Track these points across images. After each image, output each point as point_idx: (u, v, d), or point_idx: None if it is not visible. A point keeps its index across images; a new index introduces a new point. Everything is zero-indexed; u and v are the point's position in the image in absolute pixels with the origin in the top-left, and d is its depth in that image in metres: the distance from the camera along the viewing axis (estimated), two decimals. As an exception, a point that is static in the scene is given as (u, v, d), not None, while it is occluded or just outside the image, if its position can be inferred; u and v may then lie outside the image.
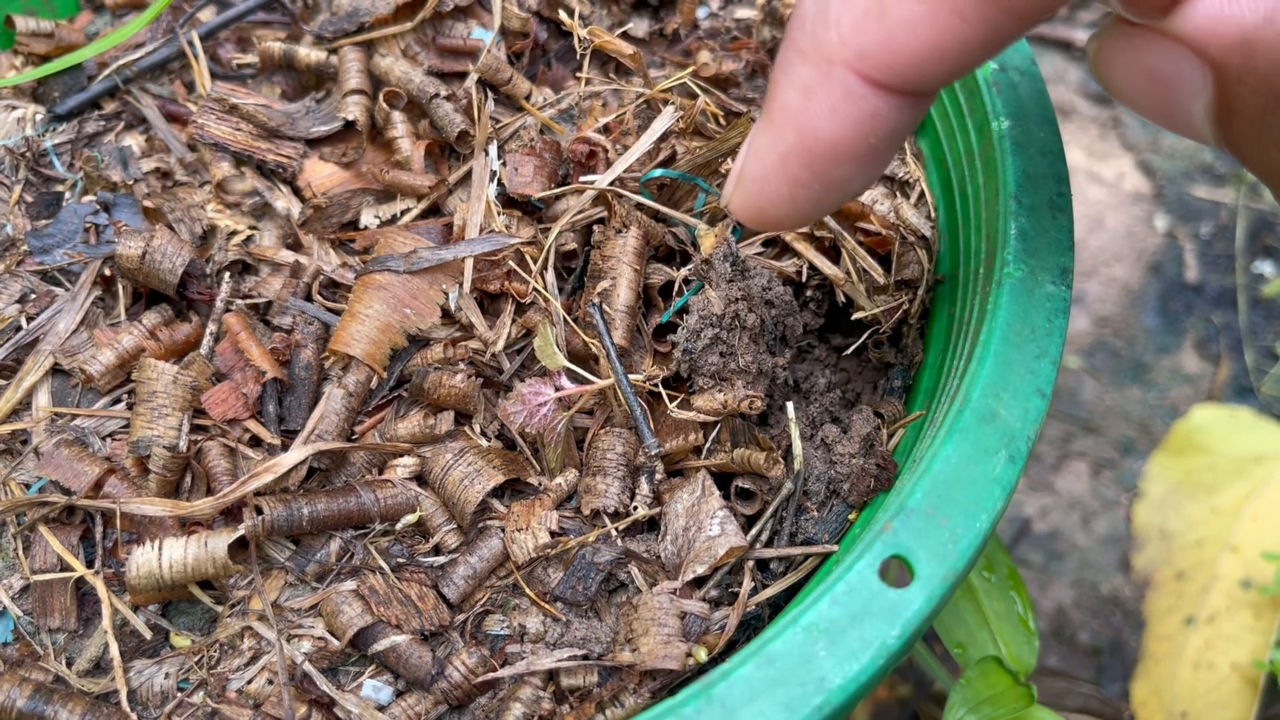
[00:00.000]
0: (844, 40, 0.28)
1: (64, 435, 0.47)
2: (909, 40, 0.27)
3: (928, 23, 0.27)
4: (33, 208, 0.54)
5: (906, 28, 0.27)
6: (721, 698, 0.33)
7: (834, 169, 0.31)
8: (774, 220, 0.33)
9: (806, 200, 0.32)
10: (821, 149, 0.30)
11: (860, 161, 0.31)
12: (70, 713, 0.42)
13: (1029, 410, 0.39)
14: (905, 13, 0.27)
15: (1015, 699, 0.50)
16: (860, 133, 0.30)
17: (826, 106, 0.29)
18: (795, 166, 0.31)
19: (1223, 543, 0.85)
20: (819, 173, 0.31)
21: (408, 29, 0.56)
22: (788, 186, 0.32)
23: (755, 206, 0.33)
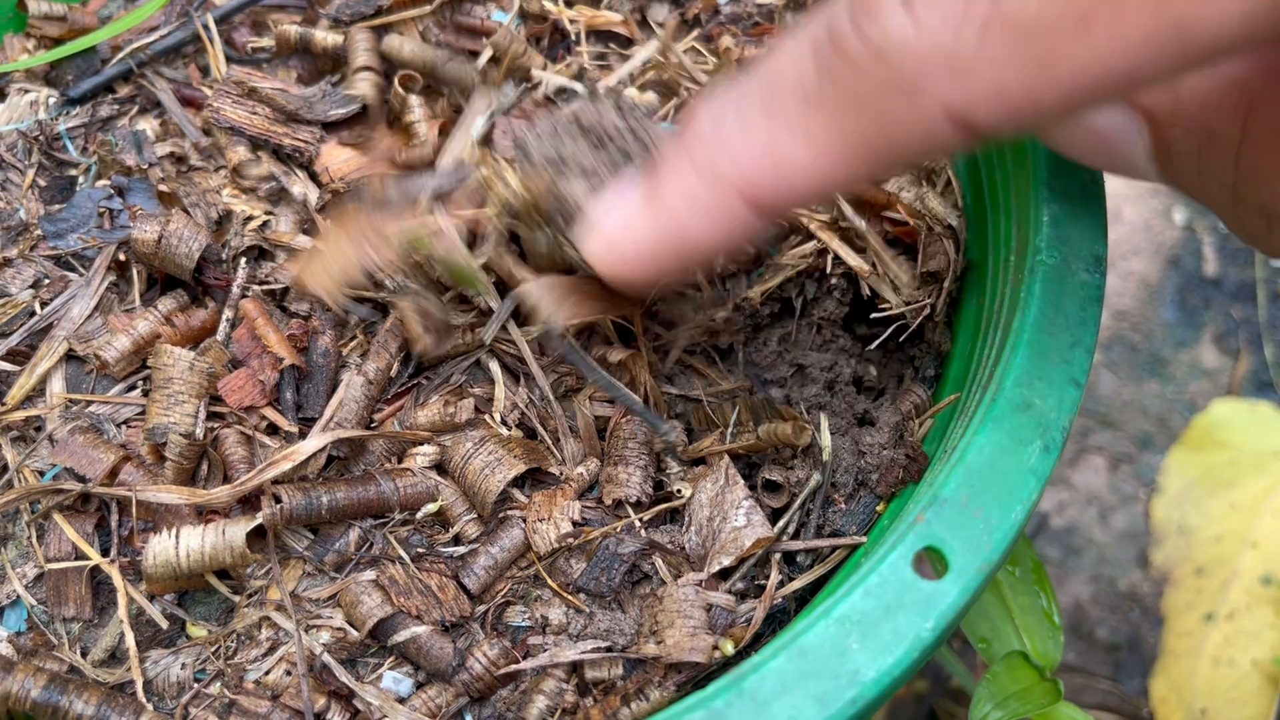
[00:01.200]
0: (738, 169, 0.31)
1: (79, 422, 0.47)
2: (797, 180, 0.31)
3: (816, 168, 0.30)
4: (46, 192, 0.54)
5: (796, 171, 0.30)
6: (753, 690, 0.33)
7: (696, 260, 0.35)
8: (624, 280, 0.37)
9: (660, 275, 0.36)
10: (693, 249, 0.34)
11: (720, 253, 0.37)
12: (85, 703, 0.42)
13: (1064, 400, 0.38)
14: (797, 159, 0.30)
15: (1042, 694, 0.49)
16: (730, 239, 0.33)
17: (706, 217, 0.33)
18: (665, 255, 0.35)
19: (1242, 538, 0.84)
20: (682, 261, 0.35)
21: (426, 12, 0.55)
22: (649, 262, 0.35)
23: (616, 270, 0.36)
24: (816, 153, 0.30)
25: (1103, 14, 0.23)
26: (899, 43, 0.26)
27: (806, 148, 0.30)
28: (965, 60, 0.25)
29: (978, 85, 0.26)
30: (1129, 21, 0.23)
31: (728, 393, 0.49)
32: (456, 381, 0.49)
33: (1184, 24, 0.23)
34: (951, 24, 0.25)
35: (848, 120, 0.29)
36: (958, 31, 0.25)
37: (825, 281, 0.50)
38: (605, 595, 0.44)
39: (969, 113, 0.26)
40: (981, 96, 0.26)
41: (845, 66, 0.28)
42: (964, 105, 0.26)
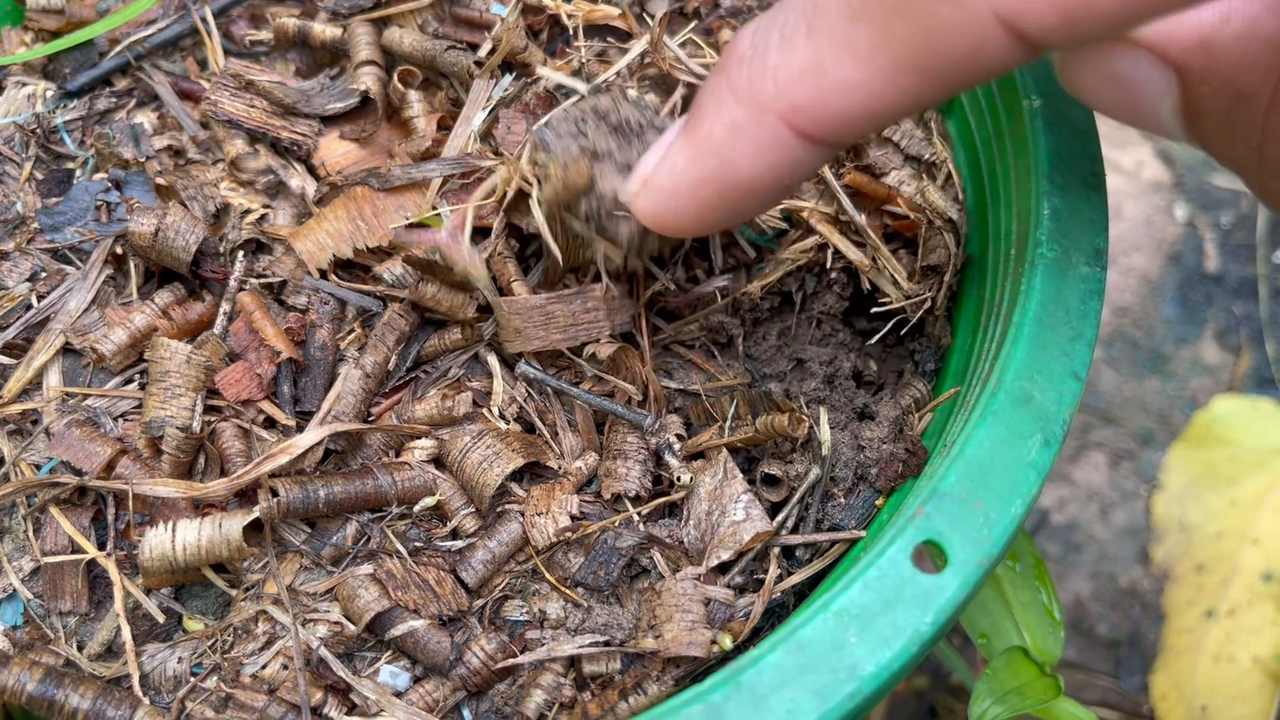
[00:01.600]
0: (780, 92, 0.30)
1: (75, 415, 0.47)
2: (843, 101, 0.29)
3: (862, 87, 0.28)
4: (43, 185, 0.54)
5: (842, 90, 0.29)
6: (751, 684, 0.32)
7: (744, 200, 0.33)
8: (674, 229, 0.36)
9: (709, 220, 0.35)
10: (738, 183, 0.32)
11: (770, 195, 0.33)
12: (81, 697, 0.42)
13: (1064, 393, 0.38)
14: (842, 75, 0.28)
15: (1042, 690, 0.49)
16: (778, 174, 0.32)
17: (752, 148, 0.31)
18: (708, 193, 0.33)
19: (1243, 535, 0.84)
20: (729, 201, 0.33)
21: (425, 4, 0.55)
22: (695, 206, 0.34)
23: (660, 214, 0.35)
24: (863, 69, 0.28)
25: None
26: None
27: (852, 64, 0.28)
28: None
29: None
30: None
31: (726, 387, 0.49)
32: (454, 375, 0.49)
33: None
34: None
35: (895, 31, 0.27)
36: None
37: (825, 276, 0.50)
38: (603, 589, 0.44)
39: (1021, 19, 0.25)
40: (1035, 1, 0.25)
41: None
42: (1017, 11, 0.25)
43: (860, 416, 0.49)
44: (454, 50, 0.52)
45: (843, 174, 0.49)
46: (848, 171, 0.49)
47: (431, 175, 0.50)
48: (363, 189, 0.50)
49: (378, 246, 0.50)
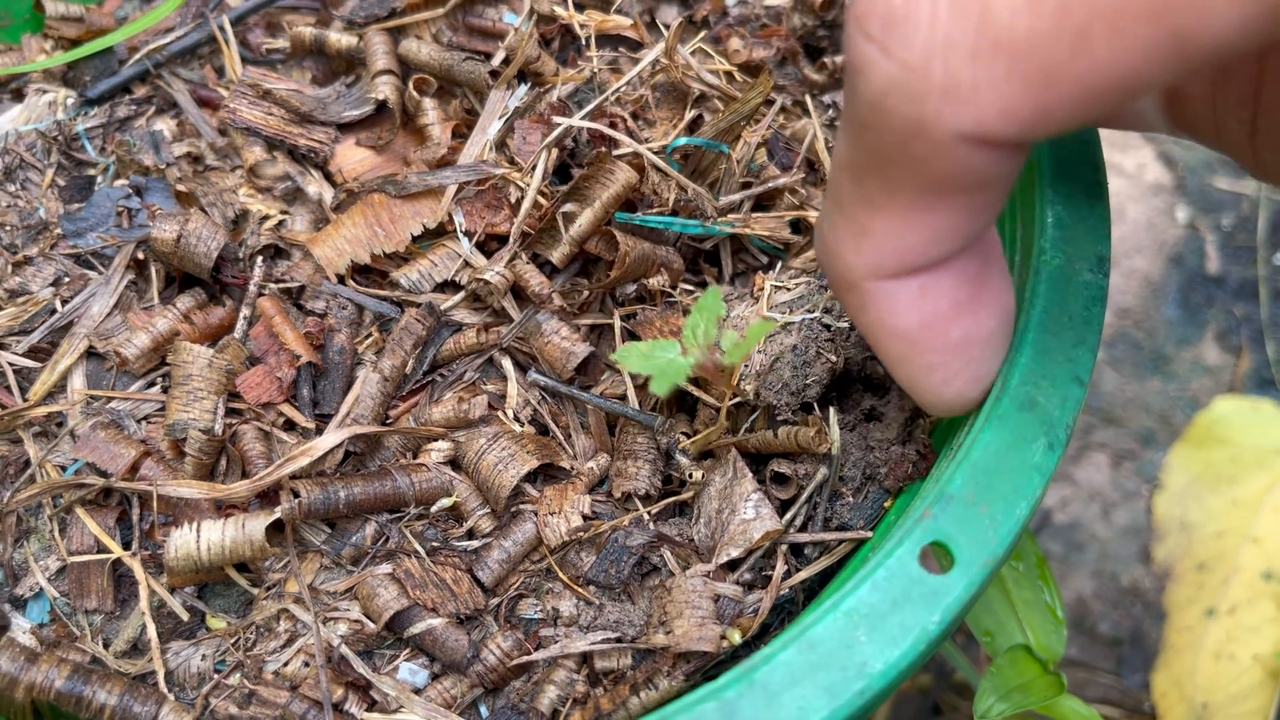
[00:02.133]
0: (851, 268, 0.32)
1: (100, 418, 0.48)
2: (897, 243, 0.30)
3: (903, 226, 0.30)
4: (65, 191, 0.55)
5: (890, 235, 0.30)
6: (763, 682, 0.33)
7: (944, 339, 0.34)
8: (979, 396, 0.37)
9: (968, 365, 0.36)
10: (909, 340, 0.34)
11: (951, 328, 0.34)
12: (108, 693, 0.43)
13: (1068, 398, 0.39)
14: (881, 226, 0.30)
15: (1045, 687, 0.50)
16: (918, 312, 0.33)
17: (883, 315, 0.33)
18: (916, 364, 0.35)
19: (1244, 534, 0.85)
20: (940, 350, 0.35)
21: (439, 14, 0.56)
22: (940, 373, 0.35)
23: (954, 403, 0.36)
24: (889, 215, 0.30)
25: (1100, 29, 0.23)
26: (890, 88, 0.26)
27: (880, 215, 0.30)
28: (964, 88, 0.25)
29: (985, 109, 0.25)
30: (1128, 35, 0.23)
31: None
32: (470, 379, 0.50)
33: (1183, 33, 0.23)
34: (938, 55, 0.25)
35: (890, 177, 0.28)
36: (946, 62, 0.25)
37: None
38: (615, 587, 0.45)
39: (985, 134, 0.26)
40: (991, 117, 0.25)
41: (861, 130, 0.28)
42: (976, 129, 0.26)
43: (868, 418, 0.50)
44: (470, 60, 0.53)
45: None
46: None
47: (447, 182, 0.51)
48: (379, 195, 0.51)
49: (394, 252, 0.51)
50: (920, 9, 0.25)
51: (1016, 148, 0.27)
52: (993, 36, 0.24)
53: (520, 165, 0.51)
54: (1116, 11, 0.23)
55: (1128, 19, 0.23)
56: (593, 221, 0.48)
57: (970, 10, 0.24)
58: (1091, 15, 0.23)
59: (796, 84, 0.57)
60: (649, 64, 0.53)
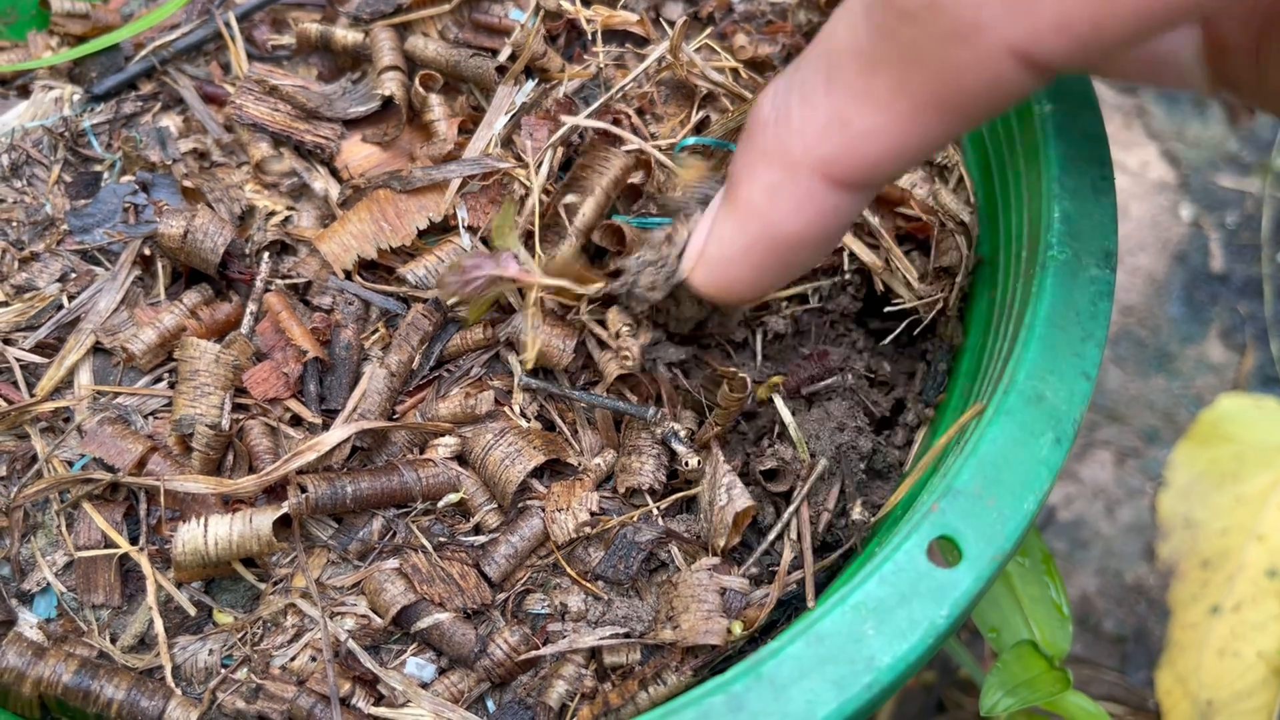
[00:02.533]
0: (808, 148, 0.30)
1: (107, 413, 0.48)
2: (870, 148, 0.30)
3: (887, 132, 0.29)
4: (72, 187, 0.55)
5: (868, 137, 0.29)
6: (771, 675, 0.33)
7: (795, 256, 0.34)
8: (737, 296, 0.37)
9: (767, 280, 0.36)
10: (785, 241, 0.33)
11: (818, 247, 0.34)
12: (116, 688, 0.43)
13: (1075, 393, 0.39)
14: (866, 125, 0.29)
15: (1051, 683, 0.50)
16: (822, 226, 0.32)
17: (791, 205, 0.32)
18: (759, 255, 0.34)
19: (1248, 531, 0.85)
20: (782, 259, 0.34)
21: (445, 10, 0.56)
22: (750, 271, 0.35)
23: (718, 285, 0.36)
24: (885, 115, 0.29)
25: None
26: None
27: (874, 112, 0.29)
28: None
29: (1040, 19, 0.25)
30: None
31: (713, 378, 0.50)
32: (476, 374, 0.50)
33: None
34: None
35: (911, 76, 0.28)
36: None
37: (840, 276, 0.51)
38: (623, 582, 0.45)
39: (1034, 49, 0.25)
40: (1045, 31, 0.25)
41: (899, 20, 0.27)
42: (1028, 42, 0.25)
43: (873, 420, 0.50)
44: (477, 57, 0.53)
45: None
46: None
47: (451, 176, 0.51)
48: (385, 191, 0.51)
49: (401, 247, 0.51)
50: None
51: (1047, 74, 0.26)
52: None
53: (526, 161, 0.51)
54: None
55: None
56: (596, 210, 0.48)
57: None
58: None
59: (802, 80, 0.57)
60: (654, 61, 0.53)
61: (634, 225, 0.49)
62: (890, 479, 0.49)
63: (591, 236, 0.49)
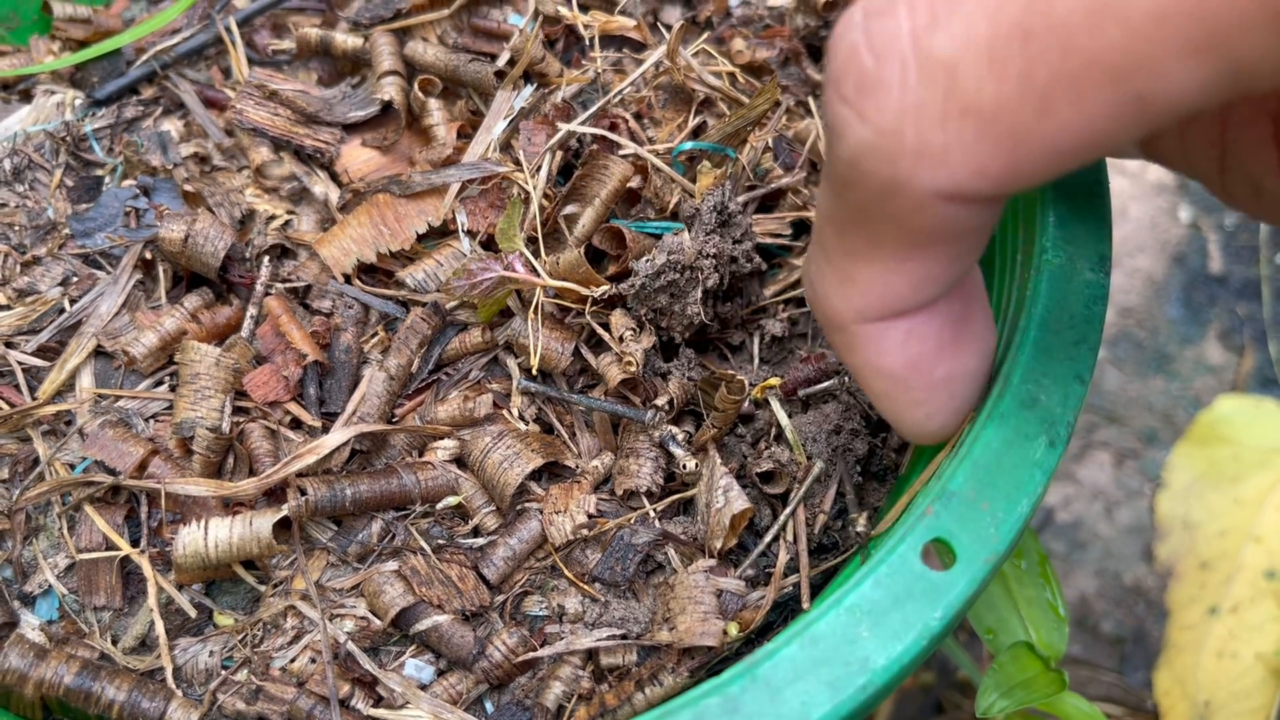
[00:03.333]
0: (841, 311, 0.33)
1: (108, 416, 0.48)
2: (885, 290, 0.31)
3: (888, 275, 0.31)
4: (73, 192, 0.55)
5: (877, 284, 0.31)
6: (766, 677, 0.34)
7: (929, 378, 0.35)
8: (939, 428, 0.38)
9: (950, 401, 0.37)
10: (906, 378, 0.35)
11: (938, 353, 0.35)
12: (117, 689, 0.43)
13: (1069, 396, 0.39)
14: (868, 276, 0.31)
15: (1047, 684, 0.50)
16: (904, 353, 0.34)
17: (872, 355, 0.34)
18: (903, 398, 0.36)
19: (1246, 533, 0.85)
20: (925, 387, 0.35)
21: (444, 15, 0.56)
22: (924, 408, 0.36)
23: (937, 435, 0.37)
24: (876, 266, 0.30)
25: (1063, 94, 0.23)
26: (866, 150, 0.26)
27: (866, 265, 0.30)
28: (936, 150, 0.25)
29: (958, 169, 0.26)
30: (1091, 99, 0.23)
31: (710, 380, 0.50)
32: (475, 377, 0.50)
33: (1144, 96, 0.23)
34: (909, 119, 0.25)
35: (874, 229, 0.29)
36: (918, 126, 0.25)
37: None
38: (620, 584, 0.45)
39: (961, 192, 0.26)
40: (965, 177, 0.26)
41: (842, 187, 0.29)
42: (952, 187, 0.26)
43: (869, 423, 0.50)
44: (476, 61, 0.53)
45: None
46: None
47: (450, 181, 0.51)
48: (384, 195, 0.52)
49: (400, 251, 0.51)
50: (890, 74, 0.25)
51: (993, 200, 0.28)
52: (960, 102, 0.24)
53: (525, 165, 0.51)
54: (1078, 77, 0.23)
55: (1089, 84, 0.23)
56: (595, 219, 0.49)
57: (938, 76, 0.25)
58: (1054, 81, 0.23)
59: (799, 84, 0.58)
60: (651, 66, 0.53)
61: (633, 229, 0.49)
62: (887, 481, 0.49)
63: (591, 240, 0.50)
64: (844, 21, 0.27)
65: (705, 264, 0.46)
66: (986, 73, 0.24)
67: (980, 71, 0.24)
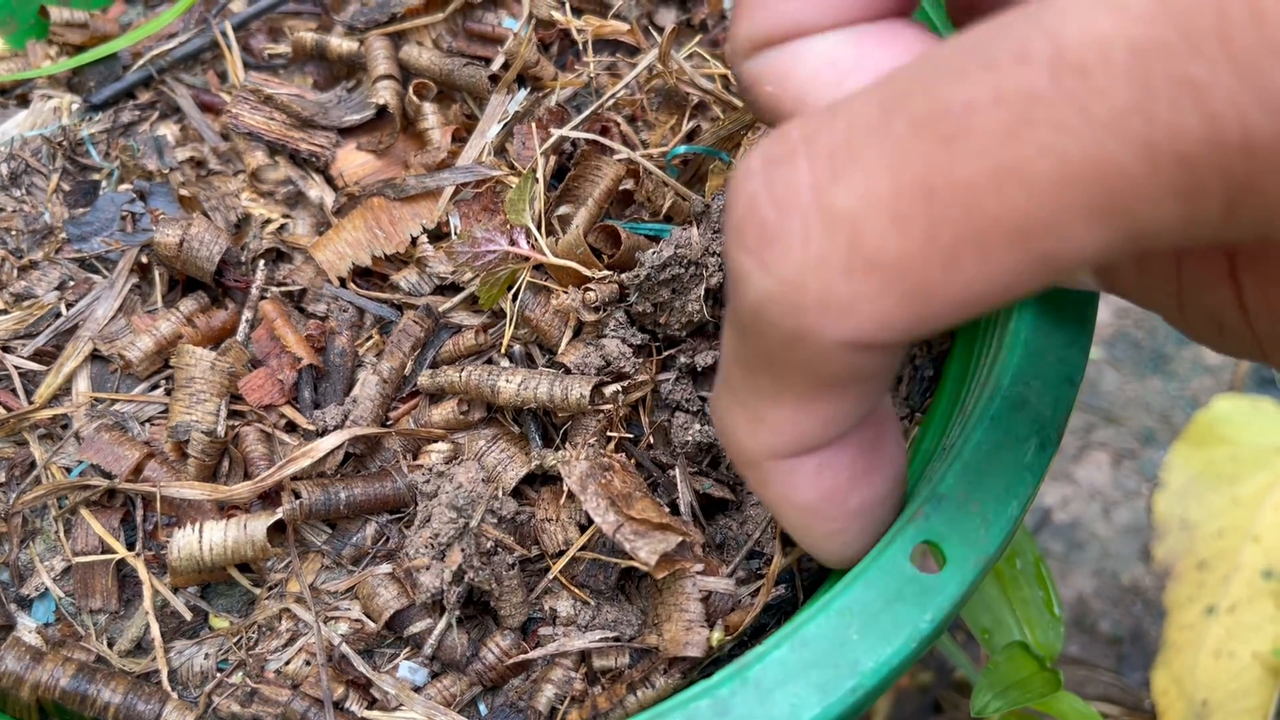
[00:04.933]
0: (751, 449, 0.32)
1: (104, 420, 0.48)
2: (794, 429, 0.31)
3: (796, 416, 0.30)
4: (70, 196, 0.55)
5: (786, 424, 0.31)
6: (756, 679, 0.34)
7: (844, 508, 0.35)
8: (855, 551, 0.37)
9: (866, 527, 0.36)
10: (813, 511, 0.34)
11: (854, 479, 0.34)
12: (113, 691, 0.43)
13: (1060, 398, 0.39)
14: (776, 417, 0.30)
15: (1042, 684, 0.51)
16: (817, 487, 0.33)
17: (786, 489, 0.33)
18: (822, 530, 0.35)
19: (1244, 533, 0.85)
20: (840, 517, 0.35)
21: (439, 19, 0.57)
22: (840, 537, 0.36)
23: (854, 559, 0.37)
24: (784, 408, 0.30)
25: (968, 252, 0.23)
26: (769, 300, 0.26)
27: (774, 407, 0.30)
28: (840, 302, 0.25)
29: (863, 321, 0.25)
30: (997, 257, 0.23)
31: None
32: (469, 380, 0.50)
33: (1048, 254, 0.23)
34: (812, 272, 0.25)
35: (779, 374, 0.29)
36: (821, 278, 0.25)
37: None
38: (604, 591, 0.45)
39: (867, 342, 0.26)
40: (870, 329, 0.25)
41: (745, 333, 0.28)
42: (857, 337, 0.26)
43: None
44: (470, 65, 0.53)
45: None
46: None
47: (445, 184, 0.52)
48: (379, 199, 0.52)
49: (395, 254, 0.51)
50: (792, 226, 0.25)
51: (901, 345, 0.27)
52: (864, 256, 0.24)
53: (519, 169, 0.51)
54: (981, 235, 0.23)
55: (992, 243, 0.23)
56: (589, 219, 0.49)
57: (840, 229, 0.24)
58: (957, 238, 0.23)
59: (793, 86, 0.58)
60: (644, 69, 0.54)
61: (627, 229, 0.49)
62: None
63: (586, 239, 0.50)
64: (743, 170, 0.26)
65: (711, 261, 0.46)
66: (890, 228, 0.23)
67: (883, 227, 0.24)
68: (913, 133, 0.23)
